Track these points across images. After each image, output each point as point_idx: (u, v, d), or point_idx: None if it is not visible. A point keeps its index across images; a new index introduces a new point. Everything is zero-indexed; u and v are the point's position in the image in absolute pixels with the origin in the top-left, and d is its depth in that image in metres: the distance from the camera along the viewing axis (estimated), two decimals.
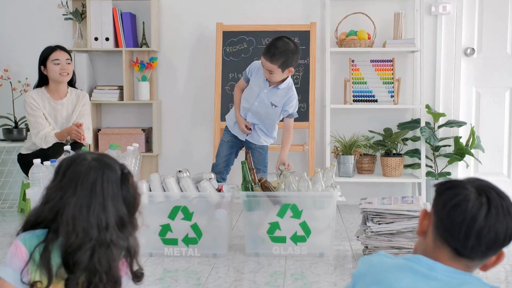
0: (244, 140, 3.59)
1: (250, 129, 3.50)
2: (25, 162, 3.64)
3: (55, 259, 1.38)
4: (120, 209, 1.43)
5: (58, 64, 3.59)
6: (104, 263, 1.39)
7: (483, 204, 1.21)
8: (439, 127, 4.37)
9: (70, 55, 3.67)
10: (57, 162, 1.48)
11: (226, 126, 3.65)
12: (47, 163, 3.00)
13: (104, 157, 1.47)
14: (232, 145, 3.62)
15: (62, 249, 1.37)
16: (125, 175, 1.47)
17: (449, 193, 1.24)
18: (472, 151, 4.28)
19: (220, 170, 3.57)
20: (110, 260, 1.40)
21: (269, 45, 3.30)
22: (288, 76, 3.40)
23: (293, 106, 3.44)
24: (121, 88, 4.45)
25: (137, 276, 1.52)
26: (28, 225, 1.45)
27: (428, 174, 4.33)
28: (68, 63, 3.62)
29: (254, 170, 3.20)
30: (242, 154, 3.50)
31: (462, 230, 1.20)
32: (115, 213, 1.42)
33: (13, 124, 4.42)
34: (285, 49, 3.26)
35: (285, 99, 3.41)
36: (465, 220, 1.20)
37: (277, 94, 3.41)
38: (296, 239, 3.08)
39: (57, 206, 1.40)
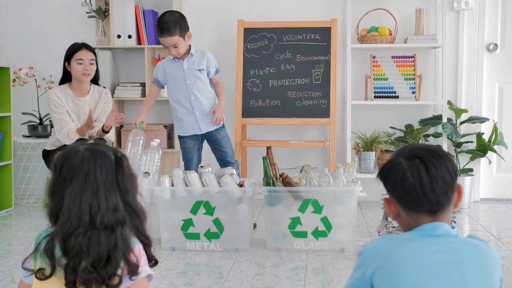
0: (202, 134, 3.64)
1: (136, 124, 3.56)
2: (49, 158, 3.69)
3: (58, 251, 1.42)
4: (113, 193, 1.45)
5: (81, 64, 3.61)
6: (97, 246, 1.40)
7: (419, 165, 1.37)
8: (461, 123, 4.34)
9: (95, 54, 3.68)
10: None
11: (179, 135, 3.69)
12: None
13: (96, 145, 1.50)
14: (198, 147, 3.70)
15: (59, 238, 1.41)
16: (119, 159, 1.49)
17: (391, 175, 1.40)
18: (495, 147, 4.25)
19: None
20: (105, 242, 1.41)
21: (158, 25, 3.48)
22: (189, 45, 3.57)
23: (214, 64, 3.63)
24: (143, 85, 4.49)
25: (151, 260, 1.53)
26: (51, 223, 1.50)
27: None
28: (92, 63, 3.64)
29: (276, 166, 3.21)
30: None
31: (419, 194, 1.36)
32: (107, 198, 1.44)
33: (38, 121, 4.49)
34: (174, 18, 3.46)
35: (205, 61, 3.58)
36: (415, 186, 1.37)
37: (195, 60, 3.58)
38: (317, 234, 3.09)
39: (60, 201, 1.45)
